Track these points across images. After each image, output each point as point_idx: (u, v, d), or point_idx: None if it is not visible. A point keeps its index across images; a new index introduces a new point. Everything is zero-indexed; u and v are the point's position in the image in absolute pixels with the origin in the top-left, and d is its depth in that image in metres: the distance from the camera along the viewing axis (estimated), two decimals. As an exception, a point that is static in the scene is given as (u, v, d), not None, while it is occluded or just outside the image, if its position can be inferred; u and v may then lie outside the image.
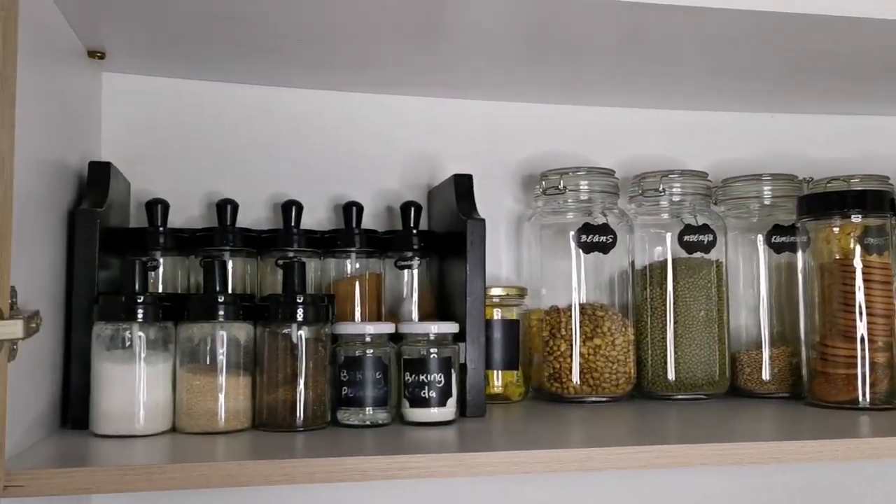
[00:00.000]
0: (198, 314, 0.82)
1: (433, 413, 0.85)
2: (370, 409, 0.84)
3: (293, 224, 1.00)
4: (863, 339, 0.95)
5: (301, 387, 0.82)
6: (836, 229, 0.98)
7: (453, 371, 0.86)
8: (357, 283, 1.00)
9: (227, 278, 0.84)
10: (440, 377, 0.85)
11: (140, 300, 0.79)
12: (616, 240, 1.05)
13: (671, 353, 1.05)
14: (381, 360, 0.85)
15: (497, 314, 1.02)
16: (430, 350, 0.86)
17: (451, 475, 0.69)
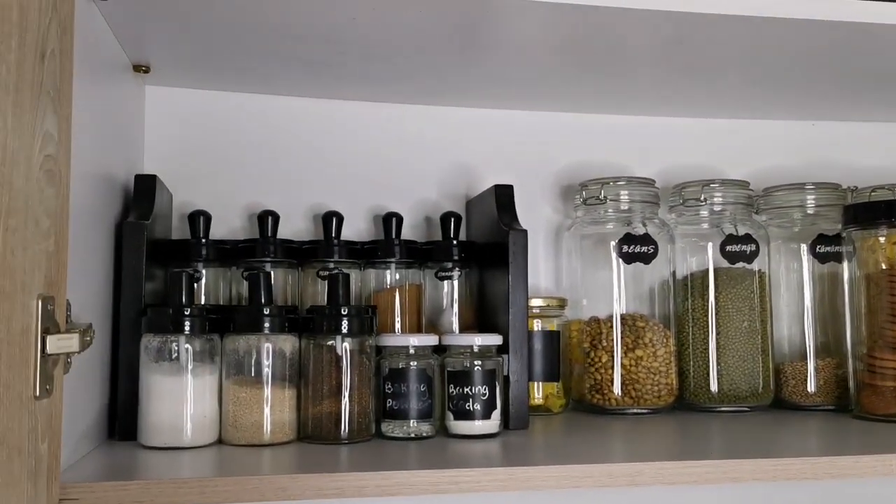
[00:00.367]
0: (244, 326, 0.82)
1: (477, 426, 0.85)
2: (414, 421, 0.84)
3: (334, 235, 1.00)
4: (912, 350, 0.93)
5: (346, 399, 0.82)
6: (883, 239, 0.97)
7: (497, 383, 0.86)
8: (397, 294, 1.00)
9: (272, 290, 0.85)
10: (485, 389, 0.85)
11: (187, 312, 0.79)
12: (657, 250, 1.04)
13: (714, 364, 1.04)
14: (426, 372, 0.85)
15: (537, 325, 1.01)
16: (475, 362, 0.86)
17: (501, 489, 0.69)
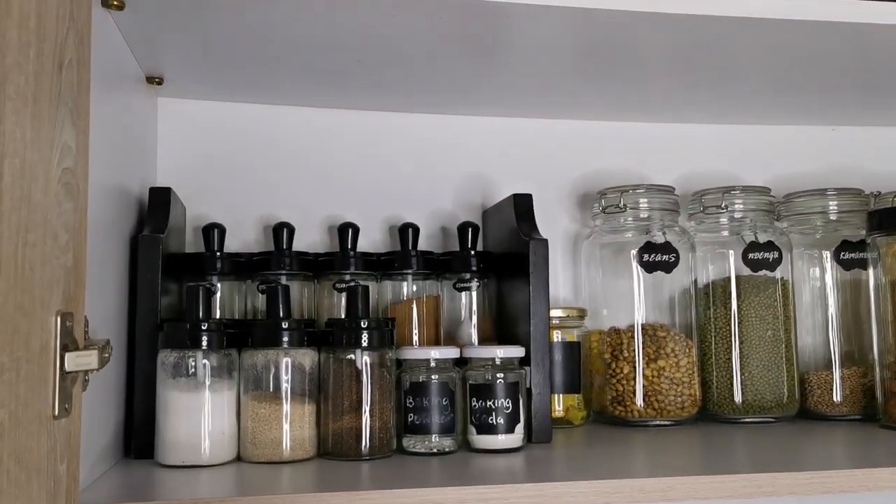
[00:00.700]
0: (262, 340, 0.80)
1: (501, 440, 0.83)
2: (436, 436, 0.82)
3: (350, 247, 0.98)
4: (942, 358, 0.92)
5: (367, 414, 0.80)
6: (909, 244, 0.95)
7: (520, 396, 0.84)
8: (415, 306, 0.98)
9: (290, 304, 0.83)
10: (508, 403, 0.83)
11: (205, 327, 0.78)
12: (679, 258, 1.03)
13: (737, 374, 1.02)
14: (448, 385, 0.83)
15: (557, 336, 1.00)
16: (497, 375, 0.84)
17: (529, 507, 0.67)
